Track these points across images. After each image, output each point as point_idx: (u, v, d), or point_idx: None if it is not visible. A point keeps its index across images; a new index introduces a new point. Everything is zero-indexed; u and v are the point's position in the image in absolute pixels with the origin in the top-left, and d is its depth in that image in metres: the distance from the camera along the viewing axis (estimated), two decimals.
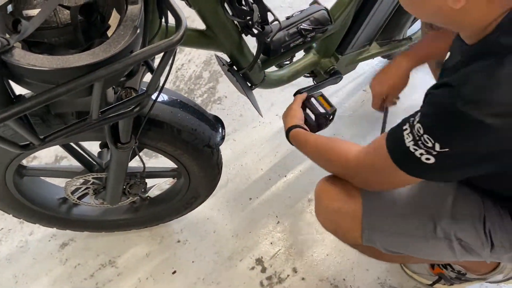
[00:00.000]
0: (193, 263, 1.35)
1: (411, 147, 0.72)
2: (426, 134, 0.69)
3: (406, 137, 0.73)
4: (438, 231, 0.89)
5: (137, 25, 0.56)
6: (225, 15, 0.89)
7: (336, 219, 0.98)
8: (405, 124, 0.74)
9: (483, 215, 0.89)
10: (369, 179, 0.89)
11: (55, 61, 0.51)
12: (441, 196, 0.92)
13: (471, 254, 0.91)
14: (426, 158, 0.71)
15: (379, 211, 0.93)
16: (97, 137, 0.95)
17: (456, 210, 0.90)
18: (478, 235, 0.88)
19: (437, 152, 0.69)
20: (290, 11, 1.20)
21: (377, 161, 0.82)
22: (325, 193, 0.99)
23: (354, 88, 1.82)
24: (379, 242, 0.95)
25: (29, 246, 1.36)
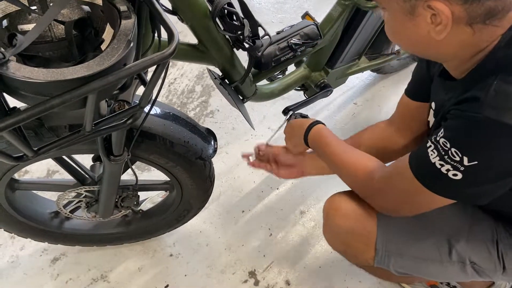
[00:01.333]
0: (185, 276, 1.35)
1: (437, 162, 0.70)
2: (454, 148, 0.68)
3: (431, 153, 0.71)
4: (453, 254, 0.88)
5: (131, 39, 0.57)
6: (216, 30, 0.91)
7: (347, 240, 0.93)
8: (428, 142, 0.73)
9: (495, 239, 0.89)
10: (394, 203, 0.85)
11: (49, 74, 0.52)
12: (456, 220, 0.90)
13: (481, 276, 0.91)
14: (453, 174, 0.69)
15: (394, 233, 0.90)
16: (90, 150, 0.95)
17: (471, 234, 0.89)
18: (492, 258, 0.88)
19: (465, 166, 0.67)
20: (281, 26, 1.23)
21: (401, 182, 0.79)
22: (337, 211, 0.93)
23: (344, 101, 1.85)
24: (392, 265, 0.92)
25: (20, 261, 1.35)
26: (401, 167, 0.79)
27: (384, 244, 0.90)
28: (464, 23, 0.66)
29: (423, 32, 0.69)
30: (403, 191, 0.80)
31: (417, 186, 0.75)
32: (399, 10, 0.70)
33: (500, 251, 0.88)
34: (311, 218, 1.49)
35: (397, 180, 0.81)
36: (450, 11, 0.64)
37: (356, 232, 0.91)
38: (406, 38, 0.75)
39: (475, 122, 0.66)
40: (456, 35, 0.68)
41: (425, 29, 0.68)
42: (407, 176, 0.76)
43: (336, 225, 0.93)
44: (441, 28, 0.67)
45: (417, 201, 0.79)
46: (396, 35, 0.77)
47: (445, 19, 0.65)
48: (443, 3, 0.64)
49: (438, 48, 0.72)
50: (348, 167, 0.92)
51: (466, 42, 0.69)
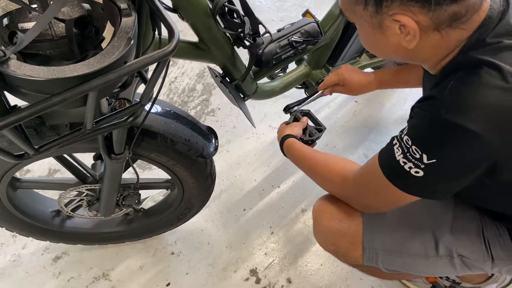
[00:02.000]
0: (187, 275, 1.35)
1: (401, 160, 0.73)
2: (414, 146, 0.70)
3: (396, 151, 0.74)
4: (440, 249, 0.90)
5: (131, 37, 0.57)
6: (217, 28, 0.91)
7: (335, 240, 0.96)
8: (395, 139, 0.76)
9: (481, 229, 0.90)
10: (367, 200, 0.88)
11: (50, 72, 0.52)
12: (440, 214, 0.92)
13: (471, 269, 0.91)
14: (415, 172, 0.71)
15: (380, 231, 0.92)
16: (91, 148, 0.95)
17: (456, 227, 0.90)
18: (479, 249, 0.89)
19: (425, 164, 0.70)
20: (281, 24, 1.22)
21: (371, 178, 0.82)
22: (324, 213, 0.97)
23: (345, 99, 1.85)
24: (380, 262, 0.94)
25: (22, 260, 1.35)
26: (372, 165, 0.81)
27: (370, 242, 0.92)
28: (431, 29, 0.68)
29: (394, 42, 0.72)
30: (375, 188, 0.82)
31: (386, 184, 0.78)
32: (368, 25, 0.73)
33: (487, 241, 0.89)
34: (312, 216, 1.49)
35: (369, 178, 0.83)
36: (415, 23, 0.66)
37: (342, 231, 0.93)
38: (380, 48, 0.79)
39: (431, 122, 0.69)
40: (425, 41, 0.70)
41: (395, 39, 0.71)
42: (377, 174, 0.79)
43: (324, 226, 0.96)
44: (410, 38, 0.69)
45: (389, 198, 0.82)
46: (370, 46, 0.80)
47: (412, 30, 0.67)
48: (407, 15, 0.66)
49: (411, 54, 0.75)
50: (323, 172, 0.97)
51: (437, 46, 0.71)
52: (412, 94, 1.86)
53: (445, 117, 0.66)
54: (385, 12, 0.68)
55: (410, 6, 0.65)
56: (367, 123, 1.77)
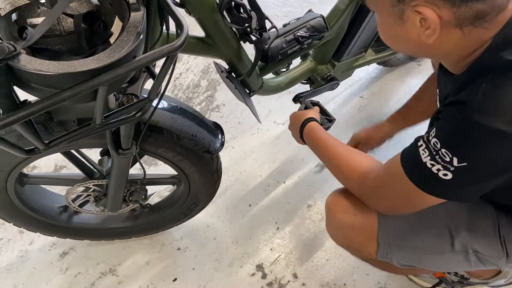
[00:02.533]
0: (193, 270, 1.35)
1: (428, 162, 0.71)
2: (444, 148, 0.69)
3: (422, 153, 0.72)
4: (456, 244, 0.89)
5: (140, 31, 0.57)
6: (224, 23, 0.91)
7: (349, 234, 0.95)
8: (419, 141, 0.74)
9: (497, 226, 0.89)
10: (385, 201, 0.86)
11: (60, 66, 0.52)
12: (456, 210, 0.91)
13: (485, 265, 0.91)
14: (444, 174, 0.70)
15: (395, 226, 0.91)
16: (99, 143, 0.96)
17: (472, 223, 0.89)
18: (494, 246, 0.88)
19: (455, 167, 0.68)
20: (286, 20, 1.22)
21: (392, 179, 0.80)
22: (338, 206, 0.95)
23: (351, 94, 1.84)
24: (395, 258, 0.93)
25: (29, 255, 1.36)
26: (394, 166, 0.79)
27: (385, 237, 0.91)
28: (453, 26, 0.67)
29: (413, 35, 0.70)
30: (396, 190, 0.80)
31: (409, 186, 0.76)
32: (389, 15, 0.71)
33: (502, 237, 0.88)
34: (318, 212, 1.49)
35: (390, 180, 0.81)
36: (437, 16, 0.65)
37: (357, 226, 0.92)
38: (398, 41, 0.77)
39: (464, 125, 0.67)
40: (446, 37, 0.68)
41: (415, 32, 0.69)
42: (399, 175, 0.77)
43: (338, 220, 0.95)
44: (430, 32, 0.68)
45: (410, 200, 0.80)
46: (388, 38, 0.79)
47: (433, 24, 0.66)
48: (430, 8, 0.65)
49: (429, 49, 0.73)
50: (342, 166, 0.94)
51: (457, 44, 0.70)
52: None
53: (479, 120, 0.64)
54: (408, 2, 0.66)
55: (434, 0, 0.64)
56: (373, 118, 1.76)
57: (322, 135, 1.05)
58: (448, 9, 0.64)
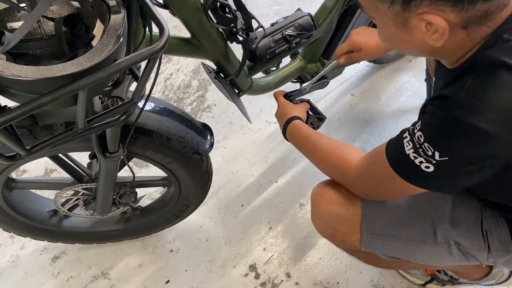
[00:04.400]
0: (186, 272, 1.35)
1: (411, 154, 0.72)
2: (427, 143, 0.70)
3: (406, 145, 0.73)
4: (438, 235, 0.90)
5: (120, 34, 0.57)
6: (209, 23, 0.90)
7: (333, 223, 0.96)
8: (405, 133, 0.75)
9: (480, 219, 0.90)
10: (370, 189, 0.88)
11: (39, 71, 0.52)
12: (440, 201, 0.92)
13: (468, 259, 0.92)
14: (426, 166, 0.71)
15: (379, 216, 0.93)
16: (86, 147, 0.95)
17: (455, 215, 0.91)
18: (476, 238, 0.89)
19: (436, 161, 0.69)
20: (276, 18, 1.21)
21: (378, 169, 0.81)
22: (323, 197, 0.97)
23: (341, 92, 1.84)
24: (378, 248, 0.94)
25: (20, 260, 1.35)
26: (378, 155, 0.80)
27: (368, 226, 0.92)
28: (459, 27, 0.66)
29: (419, 40, 0.70)
30: (380, 178, 0.82)
31: (392, 174, 0.77)
32: (393, 23, 0.70)
33: (485, 230, 0.89)
34: (310, 211, 1.48)
35: (374, 168, 0.83)
36: (445, 22, 0.64)
37: (341, 215, 0.93)
38: (401, 45, 0.77)
39: (445, 120, 0.68)
40: (451, 39, 0.68)
41: (420, 37, 0.69)
42: (383, 164, 0.78)
43: (322, 211, 0.96)
44: (438, 36, 0.67)
45: (392, 188, 0.82)
46: (390, 43, 0.79)
47: (442, 29, 0.65)
48: (437, 14, 0.63)
49: (435, 51, 0.73)
50: (325, 156, 0.96)
51: (460, 43, 0.70)
52: (409, 87, 1.85)
53: (459, 116, 0.65)
54: (413, 10, 0.65)
55: (441, 6, 0.63)
56: (364, 116, 1.76)
57: (305, 131, 1.05)
58: (455, 13, 0.63)
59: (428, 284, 1.29)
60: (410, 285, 1.32)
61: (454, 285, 1.25)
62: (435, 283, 1.28)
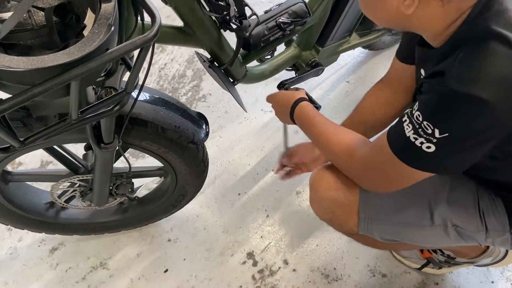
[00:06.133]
0: (184, 260, 1.36)
1: (411, 136, 0.72)
2: (426, 121, 0.70)
3: (406, 128, 0.73)
4: (435, 218, 0.90)
5: (111, 23, 0.56)
6: (202, 11, 0.90)
7: (332, 208, 0.97)
8: (404, 116, 0.75)
9: (477, 200, 0.91)
10: (372, 178, 0.88)
11: (30, 62, 0.51)
12: (437, 185, 0.92)
13: (465, 239, 0.93)
14: (427, 147, 0.71)
15: (376, 201, 0.93)
16: (80, 138, 0.95)
17: (452, 197, 0.91)
18: (474, 220, 0.90)
19: (437, 139, 0.69)
20: (270, 5, 1.20)
21: (381, 157, 0.81)
22: (321, 181, 0.97)
23: (337, 79, 1.84)
24: (375, 232, 0.95)
25: (18, 252, 1.35)
26: (381, 143, 0.80)
27: (366, 211, 0.93)
28: None
29: (393, 7, 0.71)
30: (383, 167, 0.82)
31: (395, 161, 0.77)
32: None
33: (482, 211, 0.90)
34: (306, 198, 1.49)
35: (377, 156, 0.82)
36: None
37: (339, 200, 0.94)
38: (378, 14, 0.78)
39: (442, 95, 0.68)
40: (425, 8, 0.69)
41: (393, 5, 0.70)
42: (385, 151, 0.78)
43: (320, 195, 0.98)
44: (409, 3, 0.68)
45: (396, 176, 0.81)
46: (368, 11, 0.80)
47: None
48: None
49: (409, 21, 0.74)
50: (331, 144, 0.95)
51: (436, 14, 0.70)
52: None
53: (455, 88, 0.66)
54: None
55: None
56: None
57: (314, 114, 1.04)
58: None
59: (424, 267, 1.30)
60: (407, 269, 1.34)
61: (451, 266, 1.26)
62: (431, 266, 1.29)
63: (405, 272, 1.34)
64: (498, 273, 1.33)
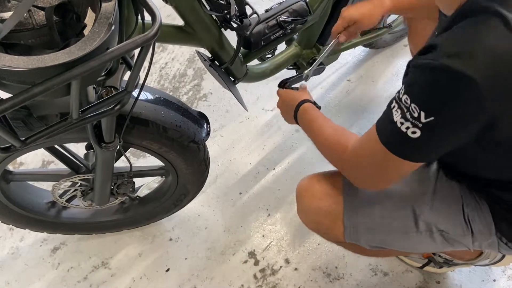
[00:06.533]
0: (186, 260, 1.36)
1: (398, 121, 0.70)
2: (413, 103, 0.67)
3: (395, 113, 0.71)
4: (420, 224, 0.90)
5: (112, 22, 0.56)
6: (202, 10, 0.89)
7: (317, 218, 0.98)
8: (393, 102, 0.73)
9: (461, 204, 0.90)
10: (363, 171, 0.85)
11: (30, 61, 0.51)
12: (421, 190, 0.92)
13: (452, 244, 0.92)
14: (412, 132, 0.69)
15: (360, 209, 0.93)
16: (81, 138, 0.94)
17: (436, 202, 0.91)
18: (459, 224, 0.90)
19: (422, 123, 0.67)
20: (270, 4, 1.20)
21: (368, 146, 0.79)
22: (306, 192, 0.98)
23: (338, 78, 1.83)
24: (362, 239, 0.95)
25: (20, 252, 1.36)
26: (370, 132, 0.78)
27: (351, 220, 0.93)
28: None
29: None
30: (372, 158, 0.79)
31: (383, 151, 0.74)
32: None
33: (467, 215, 0.89)
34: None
35: (366, 148, 0.80)
36: None
37: (323, 210, 0.95)
38: None
39: (431, 70, 0.65)
40: None
41: None
42: (374, 141, 0.76)
43: (306, 205, 0.98)
44: None
45: (386, 168, 0.78)
46: None
47: None
48: None
49: None
50: (325, 141, 0.95)
51: None
52: None
53: (445, 62, 0.63)
54: None
55: None
56: (361, 101, 1.76)
57: (316, 114, 1.04)
58: None
59: (426, 266, 1.30)
60: (408, 268, 1.34)
61: (450, 266, 1.26)
62: (432, 266, 1.29)
63: (407, 270, 1.34)
64: (500, 272, 1.33)
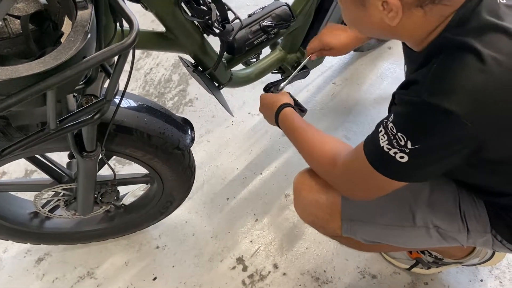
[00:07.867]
0: (173, 267, 1.34)
1: (385, 146, 0.73)
2: (400, 132, 0.71)
3: (381, 138, 0.74)
4: (416, 219, 0.91)
5: (88, 30, 0.55)
6: (183, 16, 0.89)
7: (314, 211, 0.98)
8: (380, 127, 0.76)
9: (458, 201, 0.91)
10: (352, 187, 0.88)
11: (4, 72, 0.50)
12: (418, 186, 0.93)
13: (447, 240, 0.93)
14: (400, 157, 0.72)
15: (358, 203, 0.94)
16: (62, 147, 0.93)
17: (433, 198, 0.92)
18: (455, 221, 0.91)
19: (409, 149, 0.70)
20: (255, 8, 1.20)
21: (357, 166, 0.82)
22: (303, 185, 0.99)
23: (323, 81, 1.84)
24: (358, 233, 0.96)
25: (3, 263, 1.33)
26: (358, 152, 0.81)
27: (348, 213, 0.94)
28: (414, 6, 0.68)
29: (377, 19, 0.72)
30: (360, 175, 0.82)
31: (371, 171, 0.78)
32: (351, 2, 0.73)
33: (463, 212, 0.91)
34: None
35: (354, 165, 0.83)
36: (398, 0, 0.66)
37: (321, 203, 0.96)
38: (362, 26, 0.79)
39: (414, 106, 0.69)
40: (408, 18, 0.70)
41: (378, 17, 0.71)
42: (362, 161, 0.79)
43: (303, 198, 0.99)
44: (393, 15, 0.69)
45: (373, 185, 0.82)
46: (352, 23, 0.81)
47: (395, 7, 0.67)
48: None
49: (394, 32, 0.75)
50: (315, 154, 0.95)
51: (419, 23, 0.71)
52: (390, 74, 1.86)
53: (427, 100, 0.66)
54: None
55: None
56: (346, 104, 1.77)
57: (297, 121, 1.06)
58: None
59: (414, 268, 1.30)
60: (396, 270, 1.34)
61: (439, 266, 1.27)
62: (420, 267, 1.29)
63: (395, 272, 1.34)
64: (487, 272, 1.34)
